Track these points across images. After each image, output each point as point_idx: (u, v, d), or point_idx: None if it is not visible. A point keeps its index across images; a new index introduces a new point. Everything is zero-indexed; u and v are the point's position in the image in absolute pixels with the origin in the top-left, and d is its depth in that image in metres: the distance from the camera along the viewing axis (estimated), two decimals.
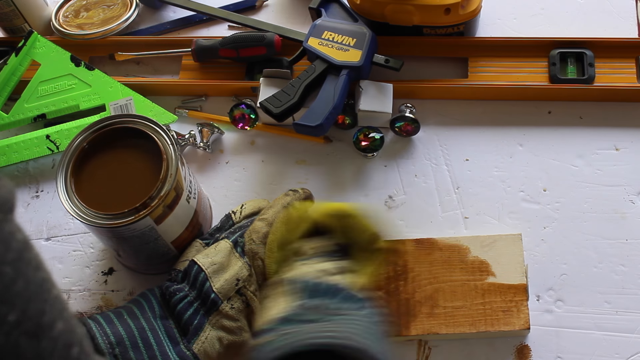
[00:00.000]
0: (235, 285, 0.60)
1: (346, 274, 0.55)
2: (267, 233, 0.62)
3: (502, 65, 0.79)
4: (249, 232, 0.63)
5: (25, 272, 0.34)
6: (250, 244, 0.62)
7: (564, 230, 0.69)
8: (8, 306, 0.32)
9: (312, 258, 0.57)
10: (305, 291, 0.52)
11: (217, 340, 0.58)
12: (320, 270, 0.54)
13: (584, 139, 0.74)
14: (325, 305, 0.51)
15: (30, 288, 0.34)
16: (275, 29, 0.82)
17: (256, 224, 0.63)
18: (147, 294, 0.61)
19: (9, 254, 0.33)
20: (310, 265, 0.56)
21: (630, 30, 0.82)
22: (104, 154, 0.62)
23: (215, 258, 0.61)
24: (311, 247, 0.58)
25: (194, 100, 0.82)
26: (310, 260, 0.56)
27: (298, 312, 0.51)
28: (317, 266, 0.55)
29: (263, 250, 0.62)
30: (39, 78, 0.82)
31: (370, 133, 0.74)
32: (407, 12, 0.78)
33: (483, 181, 0.73)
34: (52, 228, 0.75)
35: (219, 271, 0.60)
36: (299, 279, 0.54)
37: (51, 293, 0.36)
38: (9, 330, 0.32)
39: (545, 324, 0.64)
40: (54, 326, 0.35)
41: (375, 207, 0.58)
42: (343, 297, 0.52)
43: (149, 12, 0.92)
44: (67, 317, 0.37)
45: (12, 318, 0.32)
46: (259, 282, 0.61)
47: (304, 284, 0.53)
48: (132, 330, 0.57)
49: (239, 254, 0.61)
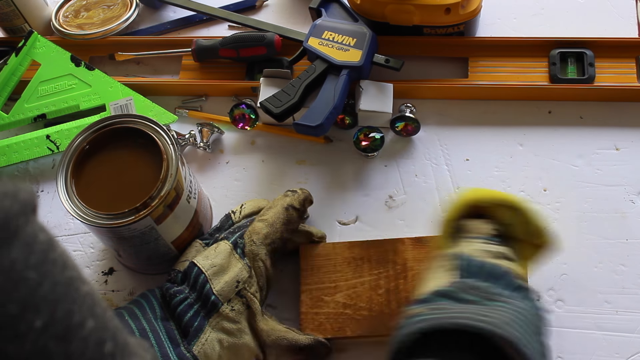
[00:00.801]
0: (235, 287, 0.60)
1: (508, 261, 0.54)
2: (267, 234, 0.62)
3: (502, 65, 0.79)
4: (249, 234, 0.62)
5: (51, 273, 0.33)
6: (251, 245, 0.62)
7: (564, 230, 0.69)
8: (34, 312, 0.32)
9: (476, 238, 0.56)
10: (468, 269, 0.52)
11: (217, 342, 0.58)
12: (485, 251, 0.53)
13: (584, 139, 0.74)
14: (486, 287, 0.50)
15: (57, 290, 0.33)
16: (275, 29, 0.82)
17: (256, 224, 0.63)
18: (148, 294, 0.61)
19: (32, 256, 0.32)
20: (475, 244, 0.55)
21: (630, 30, 0.82)
22: (104, 154, 0.62)
23: (215, 260, 0.60)
24: (475, 226, 0.57)
25: (194, 100, 0.82)
26: (475, 240, 0.55)
27: (457, 288, 0.50)
28: (482, 246, 0.54)
29: (264, 251, 0.62)
30: (39, 78, 0.83)
31: (371, 133, 0.74)
32: (407, 12, 0.78)
33: (483, 181, 0.73)
34: (52, 228, 0.75)
35: (219, 273, 0.60)
36: (463, 256, 0.53)
37: (80, 291, 0.35)
38: (37, 337, 0.31)
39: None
40: (84, 325, 0.34)
41: (535, 206, 0.58)
42: (506, 283, 0.51)
43: (149, 12, 0.92)
44: (99, 313, 0.36)
45: (39, 324, 0.32)
46: (259, 283, 0.61)
47: (468, 261, 0.52)
48: (133, 331, 0.57)
49: (239, 255, 0.61)
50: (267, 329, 0.59)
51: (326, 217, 0.72)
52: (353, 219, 0.72)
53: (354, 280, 0.64)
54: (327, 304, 0.63)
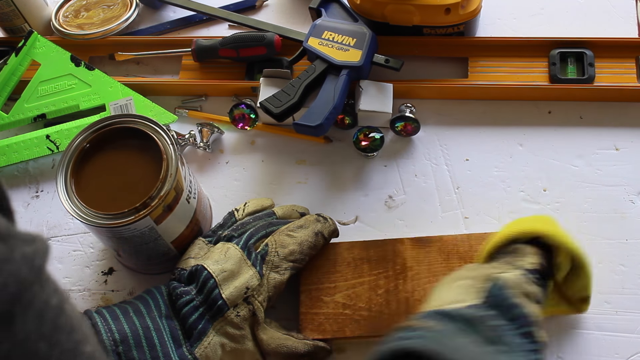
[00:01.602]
0: (244, 294, 0.59)
1: (536, 304, 0.52)
2: (293, 251, 0.62)
3: (502, 65, 0.79)
4: (275, 244, 0.62)
5: (60, 342, 0.33)
6: (274, 256, 0.61)
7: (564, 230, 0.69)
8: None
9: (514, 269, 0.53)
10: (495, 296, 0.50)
11: (219, 346, 0.58)
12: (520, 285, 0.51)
13: (584, 139, 0.74)
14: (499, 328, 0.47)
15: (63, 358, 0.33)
16: (275, 29, 0.82)
17: (285, 238, 0.63)
18: (154, 291, 0.61)
19: (44, 327, 0.32)
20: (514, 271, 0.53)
21: (630, 30, 0.82)
22: (104, 154, 0.62)
23: (226, 265, 0.60)
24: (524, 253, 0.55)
25: (194, 100, 0.82)
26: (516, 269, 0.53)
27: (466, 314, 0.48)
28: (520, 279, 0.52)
29: (285, 266, 0.61)
30: (39, 78, 0.83)
31: (370, 133, 0.74)
32: (407, 12, 0.78)
33: (483, 181, 0.73)
34: (52, 228, 0.75)
35: (229, 278, 0.60)
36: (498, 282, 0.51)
37: (84, 354, 0.35)
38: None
39: (546, 324, 0.64)
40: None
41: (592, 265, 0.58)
42: (523, 332, 0.49)
43: (149, 12, 0.92)
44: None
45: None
46: (269, 294, 0.61)
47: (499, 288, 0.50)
48: (136, 328, 0.57)
49: (251, 262, 0.61)
50: (267, 338, 0.59)
51: None
52: (353, 219, 0.72)
53: (354, 280, 0.64)
54: (326, 304, 0.63)
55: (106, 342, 0.55)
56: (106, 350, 0.55)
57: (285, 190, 0.74)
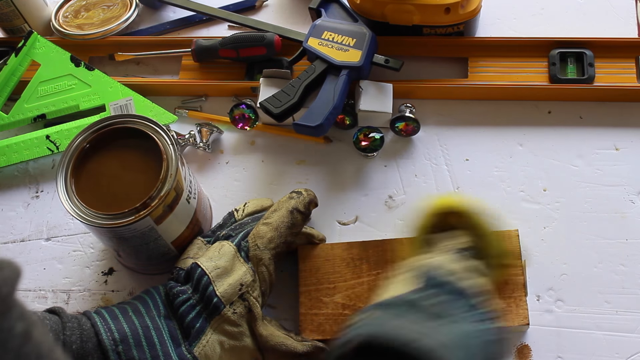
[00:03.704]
0: (238, 290, 0.59)
1: (475, 275, 0.54)
2: (271, 238, 0.62)
3: (502, 65, 0.79)
4: (254, 237, 0.62)
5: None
6: (255, 250, 0.61)
7: (564, 230, 0.69)
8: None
9: (444, 252, 0.55)
10: (431, 280, 0.51)
11: (218, 344, 0.58)
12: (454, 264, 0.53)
13: (584, 139, 0.74)
14: (440, 302, 0.49)
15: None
16: (275, 29, 0.82)
17: (260, 228, 0.62)
18: (152, 291, 0.61)
19: (6, 356, 0.32)
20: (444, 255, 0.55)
21: (630, 30, 0.82)
22: (104, 154, 0.62)
23: (219, 262, 0.60)
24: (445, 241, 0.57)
25: (194, 100, 0.82)
26: (445, 252, 0.55)
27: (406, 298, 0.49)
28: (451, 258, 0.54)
29: (268, 256, 0.61)
30: (39, 78, 0.83)
31: (370, 133, 0.74)
32: (407, 11, 0.78)
33: (483, 181, 0.73)
34: (52, 228, 0.75)
35: (223, 275, 0.60)
36: (430, 267, 0.52)
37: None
38: None
39: (546, 323, 0.64)
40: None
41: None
42: (470, 304, 0.50)
43: (149, 12, 0.92)
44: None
45: None
46: (262, 288, 0.61)
47: (433, 272, 0.52)
48: (136, 328, 0.57)
49: (243, 258, 0.61)
50: (266, 334, 0.59)
51: (326, 217, 0.72)
52: (353, 219, 0.72)
53: (353, 281, 0.64)
54: (326, 305, 0.63)
55: (106, 341, 0.55)
56: (105, 349, 0.55)
57: (285, 190, 0.74)
